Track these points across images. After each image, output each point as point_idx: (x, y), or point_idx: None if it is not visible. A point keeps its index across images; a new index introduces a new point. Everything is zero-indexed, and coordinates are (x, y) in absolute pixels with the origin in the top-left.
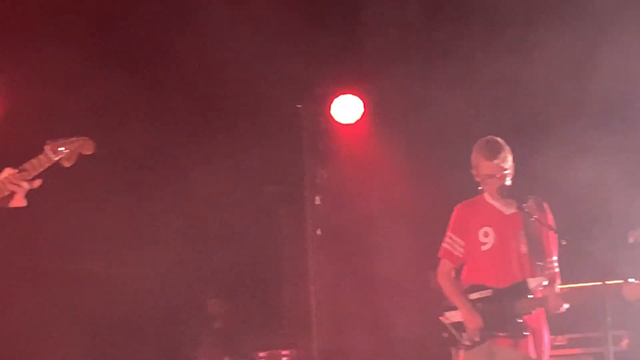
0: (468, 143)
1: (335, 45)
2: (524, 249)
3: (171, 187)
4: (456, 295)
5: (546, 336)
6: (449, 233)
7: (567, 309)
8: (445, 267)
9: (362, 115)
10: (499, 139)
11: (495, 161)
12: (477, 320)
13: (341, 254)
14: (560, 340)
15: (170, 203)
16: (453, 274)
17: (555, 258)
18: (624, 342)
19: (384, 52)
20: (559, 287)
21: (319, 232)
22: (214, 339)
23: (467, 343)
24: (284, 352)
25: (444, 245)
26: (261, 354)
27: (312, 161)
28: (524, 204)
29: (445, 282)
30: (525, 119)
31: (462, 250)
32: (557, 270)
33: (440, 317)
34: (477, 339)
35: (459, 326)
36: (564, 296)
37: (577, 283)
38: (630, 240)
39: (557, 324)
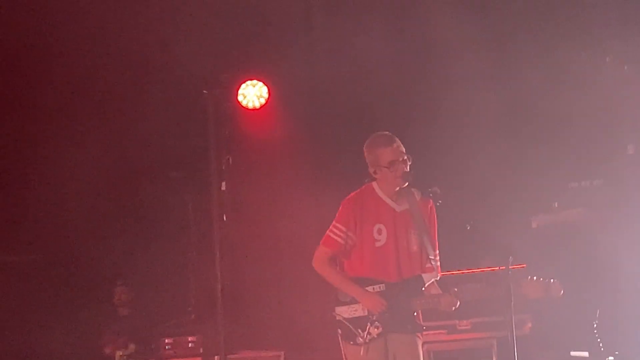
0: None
1: (241, 31)
2: (415, 245)
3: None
4: (346, 282)
5: None
6: (335, 223)
7: None
8: (320, 253)
9: (267, 101)
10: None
11: (395, 145)
12: (380, 302)
13: (247, 240)
14: (465, 324)
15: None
16: (327, 260)
17: (437, 252)
18: (527, 326)
19: (288, 38)
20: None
21: (224, 218)
22: (120, 327)
23: (364, 340)
24: (190, 339)
25: (329, 233)
26: (167, 341)
27: (218, 147)
28: (430, 190)
29: (323, 268)
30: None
31: (350, 242)
32: (438, 264)
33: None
34: (375, 335)
35: (356, 322)
36: (458, 294)
37: (482, 267)
38: (534, 225)
39: (462, 309)
